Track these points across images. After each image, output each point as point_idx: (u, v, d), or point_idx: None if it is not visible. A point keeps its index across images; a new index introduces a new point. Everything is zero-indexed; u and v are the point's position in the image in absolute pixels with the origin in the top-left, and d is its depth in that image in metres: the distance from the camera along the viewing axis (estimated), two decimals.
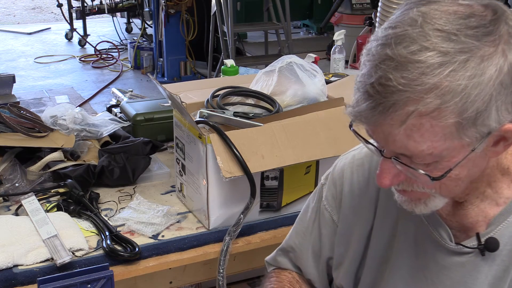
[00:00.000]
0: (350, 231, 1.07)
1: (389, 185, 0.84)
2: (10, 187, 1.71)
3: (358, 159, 1.08)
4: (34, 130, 1.84)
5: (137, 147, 1.82)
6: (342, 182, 1.08)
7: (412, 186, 0.85)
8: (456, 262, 0.92)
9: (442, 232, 0.93)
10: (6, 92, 2.63)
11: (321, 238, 1.13)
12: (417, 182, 0.84)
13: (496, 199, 0.90)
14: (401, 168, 0.82)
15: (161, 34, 5.74)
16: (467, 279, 0.91)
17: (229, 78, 2.15)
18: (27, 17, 9.97)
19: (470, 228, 0.91)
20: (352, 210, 1.07)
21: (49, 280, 1.31)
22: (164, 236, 1.54)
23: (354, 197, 1.06)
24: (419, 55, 0.74)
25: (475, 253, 0.90)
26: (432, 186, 0.83)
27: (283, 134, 1.53)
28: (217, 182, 1.52)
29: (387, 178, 0.83)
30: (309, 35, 7.89)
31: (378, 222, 1.03)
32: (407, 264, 0.97)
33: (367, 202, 1.04)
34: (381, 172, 0.83)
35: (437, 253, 0.93)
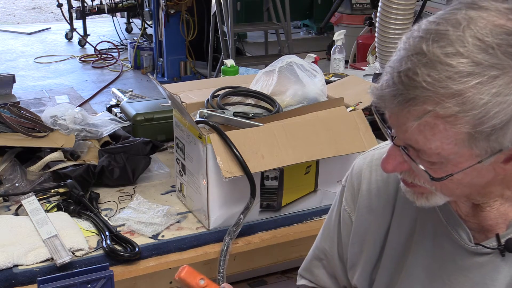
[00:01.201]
0: (366, 230, 1.06)
1: (391, 171, 0.85)
2: (10, 187, 1.71)
3: (377, 158, 1.07)
4: (34, 130, 1.84)
5: (137, 147, 1.82)
6: (360, 181, 1.08)
7: (414, 179, 0.85)
8: (475, 263, 0.91)
9: (461, 233, 0.92)
10: (6, 92, 2.63)
11: (343, 240, 1.13)
12: (418, 176, 0.85)
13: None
14: (407, 159, 0.83)
15: (161, 34, 5.74)
16: (486, 280, 0.90)
17: (229, 78, 2.15)
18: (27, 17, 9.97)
19: (490, 229, 0.91)
20: (368, 210, 1.06)
21: (49, 280, 1.31)
22: (164, 236, 1.54)
23: (372, 196, 1.05)
24: (451, 59, 0.74)
25: (495, 254, 0.89)
26: (432, 184, 0.83)
27: (283, 134, 1.53)
28: (217, 182, 1.52)
29: (391, 164, 0.84)
30: (309, 35, 7.89)
31: (396, 222, 1.02)
32: (424, 265, 0.97)
33: (385, 201, 1.04)
34: (387, 156, 0.85)
35: (456, 254, 0.93)
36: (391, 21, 2.72)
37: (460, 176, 0.81)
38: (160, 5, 5.61)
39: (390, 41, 2.77)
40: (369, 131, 1.62)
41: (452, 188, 0.83)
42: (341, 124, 1.60)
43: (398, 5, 2.69)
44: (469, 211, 0.93)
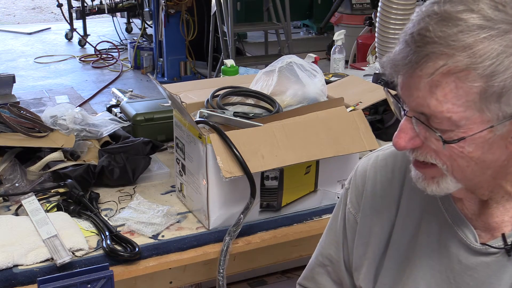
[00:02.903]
0: (370, 231, 1.06)
1: (403, 146, 0.85)
2: (10, 187, 1.71)
3: (382, 159, 1.07)
4: (34, 130, 1.84)
5: (137, 147, 1.82)
6: (365, 182, 1.08)
7: (426, 156, 0.85)
8: (481, 263, 0.91)
9: (467, 232, 0.93)
10: (6, 92, 2.63)
11: (349, 243, 1.12)
12: (430, 151, 0.84)
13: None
14: (419, 129, 0.83)
15: (161, 34, 5.74)
16: (492, 279, 0.90)
17: (229, 78, 2.15)
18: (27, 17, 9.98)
19: (496, 228, 0.91)
20: (373, 210, 1.06)
21: (49, 280, 1.31)
22: (164, 236, 1.54)
23: (376, 197, 1.06)
24: (462, 14, 0.77)
25: (501, 254, 0.90)
26: (444, 157, 0.83)
27: (283, 134, 1.53)
28: (217, 182, 1.52)
29: (402, 139, 0.84)
30: (309, 35, 7.89)
31: (400, 222, 1.02)
32: (429, 265, 0.97)
33: (389, 202, 1.04)
34: (399, 132, 0.85)
35: (461, 253, 0.93)
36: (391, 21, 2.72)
37: (471, 148, 0.81)
38: (160, 5, 5.61)
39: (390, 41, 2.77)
40: (369, 131, 1.62)
41: (463, 165, 0.83)
42: (341, 124, 1.60)
43: (398, 5, 2.69)
44: (475, 210, 0.93)
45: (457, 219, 0.94)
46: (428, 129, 0.82)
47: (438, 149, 0.83)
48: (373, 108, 2.11)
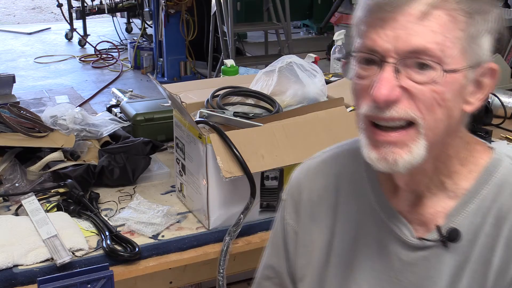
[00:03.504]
0: (311, 240, 1.05)
1: (386, 96, 0.82)
2: (10, 187, 1.71)
3: (314, 167, 1.07)
4: (34, 130, 1.84)
5: (137, 147, 1.82)
6: (300, 191, 1.07)
7: (405, 110, 0.83)
8: (420, 257, 0.91)
9: (402, 228, 0.93)
10: (6, 92, 2.63)
11: (291, 255, 1.10)
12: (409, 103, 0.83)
13: (454, 190, 0.90)
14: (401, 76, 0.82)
15: (161, 34, 5.74)
16: (432, 273, 0.90)
17: (229, 78, 2.15)
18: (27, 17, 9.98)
19: (430, 221, 0.91)
20: (311, 219, 1.05)
21: (49, 280, 1.31)
22: (164, 236, 1.54)
23: (314, 205, 1.05)
24: None
25: (438, 246, 0.90)
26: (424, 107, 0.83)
27: (283, 134, 1.53)
28: (217, 182, 1.52)
29: (385, 87, 0.82)
30: (309, 35, 7.89)
31: (339, 227, 1.01)
32: (371, 267, 0.96)
33: (327, 208, 1.03)
34: (379, 83, 0.82)
35: (400, 251, 0.93)
36: None
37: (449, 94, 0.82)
38: (160, 5, 5.61)
39: None
40: None
41: (438, 120, 0.83)
42: (341, 124, 1.60)
43: None
44: (409, 205, 0.93)
45: (391, 216, 0.94)
46: (413, 71, 0.82)
47: (421, 96, 0.82)
48: None
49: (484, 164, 0.91)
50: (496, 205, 0.88)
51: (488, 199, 0.89)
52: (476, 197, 0.89)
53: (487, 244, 0.87)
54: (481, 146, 0.93)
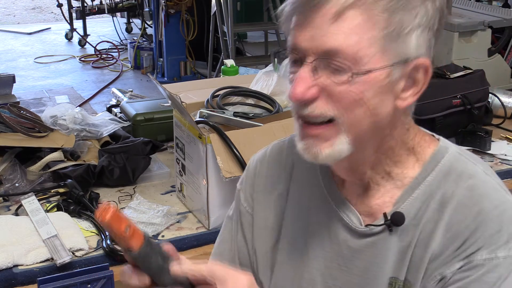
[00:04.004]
0: (265, 225, 1.04)
1: (302, 95, 0.82)
2: (10, 187, 1.71)
3: (270, 154, 1.07)
4: (34, 130, 1.84)
5: (137, 147, 1.82)
6: (255, 177, 1.07)
7: (323, 109, 0.83)
8: (367, 243, 0.92)
9: (351, 216, 0.93)
10: (6, 92, 2.62)
11: (248, 244, 1.08)
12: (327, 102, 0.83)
13: (401, 179, 0.91)
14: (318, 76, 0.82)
15: (161, 34, 5.74)
16: (378, 259, 0.91)
17: (229, 78, 2.15)
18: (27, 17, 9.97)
19: (378, 210, 0.92)
20: (265, 205, 1.05)
21: (49, 280, 1.31)
22: (164, 236, 1.54)
23: (267, 191, 1.05)
24: None
25: (384, 232, 0.90)
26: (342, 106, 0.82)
27: (283, 134, 1.52)
28: (217, 182, 1.52)
29: (301, 86, 0.82)
30: None
31: (289, 214, 1.02)
32: (322, 255, 0.97)
33: (279, 195, 1.03)
34: (296, 81, 0.82)
35: (349, 238, 0.94)
36: None
37: (370, 93, 0.81)
38: (160, 5, 5.61)
39: None
40: None
41: (359, 118, 0.83)
42: None
43: None
44: (358, 194, 0.94)
45: (341, 204, 0.95)
46: (329, 71, 0.81)
47: (338, 96, 0.82)
48: None
49: (430, 152, 0.91)
50: (440, 191, 0.88)
51: (433, 185, 0.89)
52: (421, 184, 0.89)
53: (428, 229, 0.87)
54: (429, 136, 0.94)
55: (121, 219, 0.76)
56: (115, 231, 0.76)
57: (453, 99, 2.13)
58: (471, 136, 2.09)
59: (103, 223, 0.76)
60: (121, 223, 0.76)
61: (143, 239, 0.78)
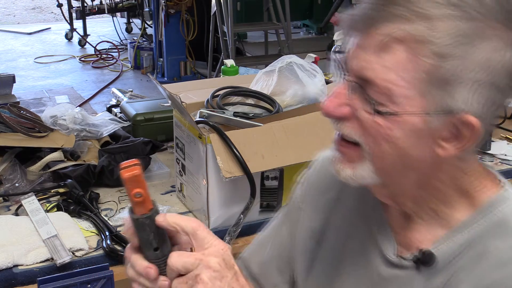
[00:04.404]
0: (309, 225, 1.02)
1: (331, 110, 0.81)
2: (10, 187, 1.71)
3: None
4: (34, 130, 1.84)
5: (137, 147, 1.82)
6: (314, 174, 1.06)
7: (350, 131, 0.80)
8: (395, 275, 0.88)
9: (387, 243, 0.89)
10: (6, 92, 2.62)
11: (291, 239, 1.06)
12: (356, 126, 0.79)
13: (448, 220, 0.84)
14: (352, 97, 0.78)
15: (161, 34, 5.74)
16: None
17: (229, 78, 2.15)
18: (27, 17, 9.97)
19: (416, 245, 0.86)
20: (314, 204, 1.03)
21: (49, 280, 1.31)
22: None
23: (320, 191, 1.03)
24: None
25: (412, 267, 0.85)
26: (369, 136, 0.78)
27: (283, 134, 1.53)
28: (217, 182, 1.52)
29: (333, 103, 0.80)
30: (309, 35, 7.89)
31: (334, 222, 0.99)
32: (356, 274, 0.94)
33: (328, 200, 1.01)
34: (331, 95, 0.81)
35: (381, 264, 0.90)
36: None
37: (399, 133, 0.76)
38: (160, 5, 5.61)
39: None
40: None
41: (386, 153, 0.78)
42: None
43: None
44: (401, 223, 0.89)
45: (382, 229, 0.91)
46: (363, 98, 0.77)
47: (365, 125, 0.78)
48: None
49: (487, 199, 0.83)
50: (483, 242, 0.81)
51: (478, 234, 0.82)
52: (467, 229, 0.82)
53: (458, 278, 0.81)
54: (492, 181, 0.85)
55: (137, 183, 0.76)
56: (127, 190, 0.77)
57: None
58: None
59: (121, 177, 0.76)
60: (135, 187, 0.76)
61: (148, 212, 0.79)
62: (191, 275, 0.79)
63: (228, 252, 0.84)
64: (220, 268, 0.81)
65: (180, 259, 0.79)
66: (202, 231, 0.82)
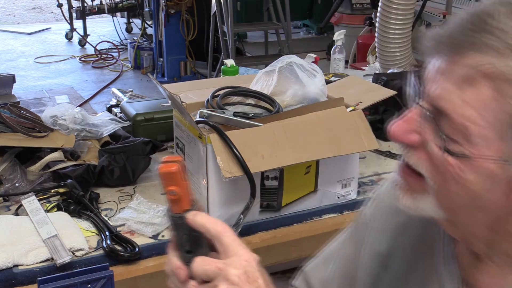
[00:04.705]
0: (374, 248, 0.96)
1: (398, 135, 0.73)
2: (10, 187, 1.71)
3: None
4: (34, 130, 1.84)
5: (137, 147, 1.82)
6: (386, 195, 0.97)
7: (417, 162, 0.73)
8: None
9: (451, 281, 0.83)
10: (6, 92, 2.63)
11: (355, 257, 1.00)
12: (424, 158, 0.72)
13: None
14: (424, 126, 0.71)
15: (161, 34, 5.74)
16: None
17: (229, 78, 2.15)
18: (27, 17, 9.97)
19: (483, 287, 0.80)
20: (382, 225, 0.96)
21: (49, 280, 1.31)
22: (164, 236, 1.54)
23: (391, 212, 0.95)
24: None
25: None
26: (437, 172, 0.71)
27: (283, 134, 1.53)
28: (217, 182, 1.52)
29: (401, 127, 0.72)
30: (309, 35, 7.89)
31: (400, 250, 0.92)
32: None
33: (398, 224, 0.93)
34: (401, 119, 0.73)
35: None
36: (391, 21, 2.72)
37: (472, 176, 0.68)
38: (160, 5, 5.61)
39: (390, 41, 2.77)
40: (369, 131, 1.62)
41: (453, 193, 0.71)
42: (341, 124, 1.60)
43: (398, 5, 2.69)
44: (469, 260, 0.82)
45: (448, 263, 0.84)
46: (435, 130, 0.69)
47: (434, 160, 0.70)
48: (373, 108, 2.11)
49: None
50: None
51: None
52: None
53: None
54: None
55: (173, 181, 0.74)
56: (163, 185, 0.75)
57: None
58: None
59: (158, 172, 0.75)
60: (171, 184, 0.74)
61: (182, 212, 0.77)
62: (211, 285, 0.75)
63: (253, 264, 0.78)
64: (239, 281, 0.75)
65: (201, 265, 0.76)
66: (228, 237, 0.78)
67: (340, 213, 1.68)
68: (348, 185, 1.71)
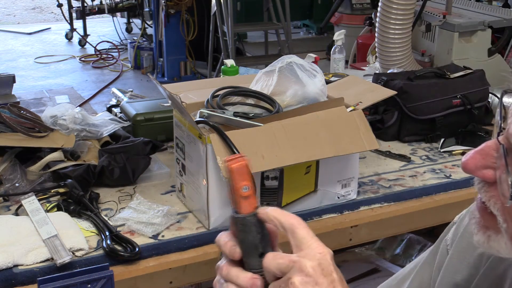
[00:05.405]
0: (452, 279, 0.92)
1: (470, 170, 0.70)
2: (10, 187, 1.71)
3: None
4: (34, 130, 1.84)
5: (137, 147, 1.82)
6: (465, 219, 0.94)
7: (489, 200, 0.70)
8: None
9: None
10: (6, 92, 2.63)
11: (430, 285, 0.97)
12: (496, 197, 0.69)
13: None
14: (501, 163, 0.68)
15: (161, 34, 5.74)
16: None
17: (229, 78, 2.15)
18: (27, 17, 9.97)
19: None
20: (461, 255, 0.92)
21: (49, 280, 1.31)
22: (164, 236, 1.54)
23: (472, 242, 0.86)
24: None
25: None
26: (509, 214, 0.68)
27: (283, 134, 1.53)
28: (217, 182, 1.52)
29: (475, 160, 0.69)
30: (309, 35, 7.89)
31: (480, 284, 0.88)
32: None
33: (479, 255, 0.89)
34: (477, 151, 0.70)
35: None
36: (391, 21, 2.72)
37: None
38: (160, 5, 5.61)
39: (390, 41, 2.77)
40: (369, 131, 1.62)
41: None
42: (341, 124, 1.60)
43: (398, 5, 2.69)
44: None
45: None
46: (505, 166, 0.66)
47: (505, 200, 0.67)
48: (373, 108, 2.11)
49: None
50: None
51: None
52: None
53: None
54: None
55: (246, 176, 0.72)
56: (233, 183, 0.72)
57: (453, 99, 2.13)
58: (471, 136, 2.09)
59: (228, 168, 0.72)
60: (243, 180, 0.72)
61: (254, 210, 0.74)
62: (284, 278, 0.73)
63: (327, 257, 0.74)
64: (314, 273, 0.72)
65: (274, 261, 0.74)
66: (302, 230, 0.75)
67: (340, 213, 1.68)
68: (348, 185, 1.71)
